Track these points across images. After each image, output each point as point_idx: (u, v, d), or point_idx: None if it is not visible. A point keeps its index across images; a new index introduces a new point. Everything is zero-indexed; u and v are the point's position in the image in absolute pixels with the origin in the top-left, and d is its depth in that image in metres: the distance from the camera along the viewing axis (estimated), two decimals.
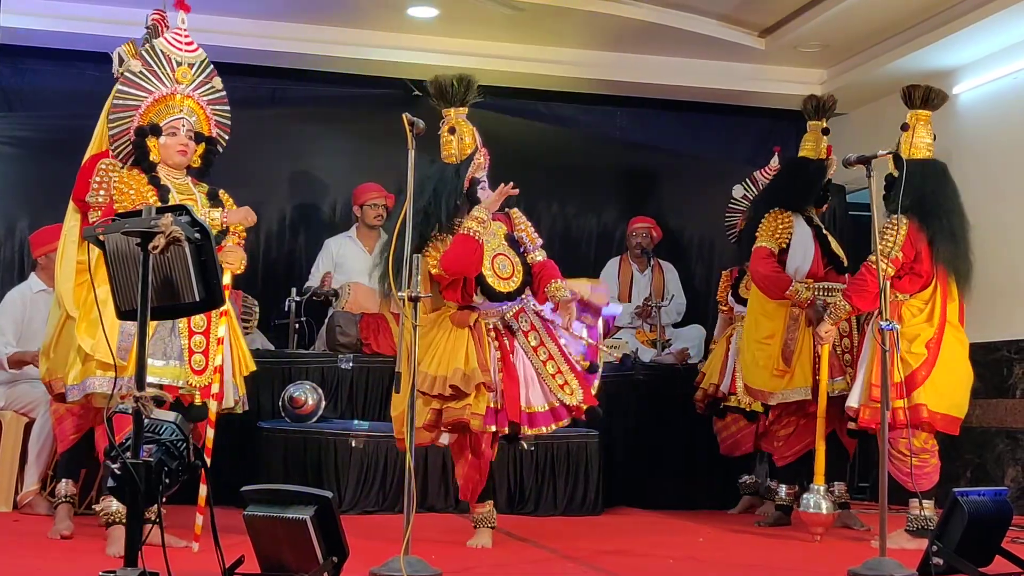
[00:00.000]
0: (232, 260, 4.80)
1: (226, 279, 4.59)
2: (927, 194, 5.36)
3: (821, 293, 5.97)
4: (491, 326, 5.09)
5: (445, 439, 5.24)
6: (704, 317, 8.14)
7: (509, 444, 5.50)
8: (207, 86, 5.00)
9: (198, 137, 4.94)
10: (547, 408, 5.07)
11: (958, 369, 5.43)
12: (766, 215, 6.15)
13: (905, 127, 5.54)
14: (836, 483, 6.13)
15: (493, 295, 5.07)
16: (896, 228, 5.29)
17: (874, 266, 5.13)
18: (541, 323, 5.20)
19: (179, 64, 4.91)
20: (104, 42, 7.49)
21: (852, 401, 5.44)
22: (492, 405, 4.95)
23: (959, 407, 5.42)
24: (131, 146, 4.83)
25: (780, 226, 6.09)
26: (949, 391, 5.33)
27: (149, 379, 4.44)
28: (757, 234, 6.14)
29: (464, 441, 5.09)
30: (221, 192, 5.03)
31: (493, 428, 4.96)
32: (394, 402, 5.02)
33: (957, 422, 5.44)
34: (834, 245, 6.16)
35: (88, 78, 7.62)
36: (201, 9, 7.44)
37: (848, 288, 5.55)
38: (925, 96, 5.55)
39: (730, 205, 7.22)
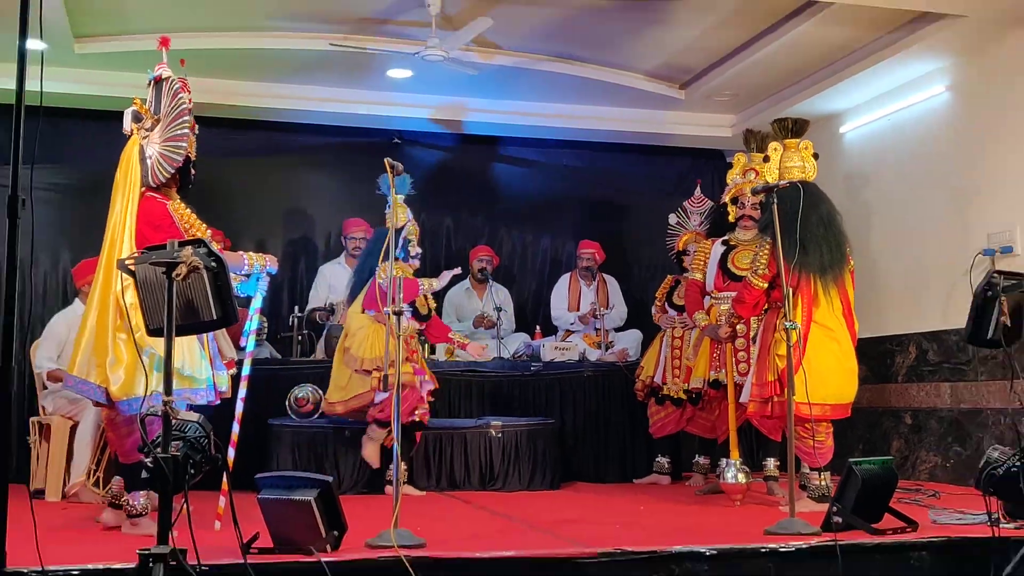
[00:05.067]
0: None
1: (258, 303, 4.63)
2: (778, 215, 4.91)
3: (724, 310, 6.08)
4: None
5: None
6: (642, 322, 8.19)
7: None
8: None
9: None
10: None
11: (827, 363, 5.12)
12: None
13: (767, 159, 5.44)
14: (769, 458, 6.13)
15: None
16: (762, 248, 5.27)
17: (750, 282, 5.32)
18: None
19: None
20: (126, 103, 7.46)
21: (743, 397, 5.51)
22: None
23: (837, 395, 5.18)
24: (179, 173, 4.50)
25: (702, 256, 6.49)
26: (819, 384, 4.95)
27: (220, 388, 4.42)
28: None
29: None
30: None
31: None
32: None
33: (840, 408, 5.23)
34: (739, 261, 6.17)
35: (115, 133, 7.56)
36: (212, 74, 7.42)
37: (734, 299, 5.64)
38: (784, 126, 5.50)
39: (668, 230, 7.33)
